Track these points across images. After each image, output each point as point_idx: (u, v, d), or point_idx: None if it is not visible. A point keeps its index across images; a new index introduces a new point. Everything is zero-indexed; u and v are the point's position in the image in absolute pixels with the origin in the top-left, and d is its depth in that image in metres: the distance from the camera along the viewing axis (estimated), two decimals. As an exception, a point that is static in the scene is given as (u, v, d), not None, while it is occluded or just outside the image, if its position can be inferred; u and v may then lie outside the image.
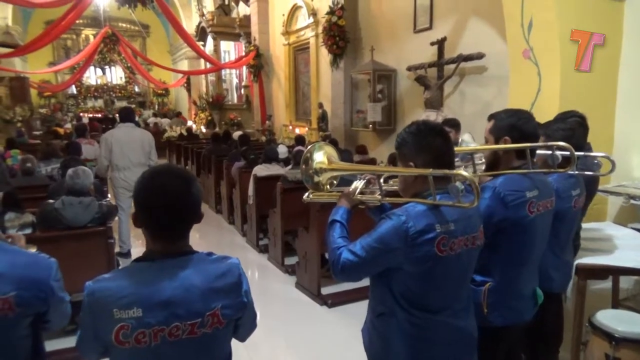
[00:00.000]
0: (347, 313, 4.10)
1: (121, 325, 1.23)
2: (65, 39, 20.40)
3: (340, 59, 8.45)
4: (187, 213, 1.34)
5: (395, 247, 1.55)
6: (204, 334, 1.29)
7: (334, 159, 1.92)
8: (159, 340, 1.25)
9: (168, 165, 1.44)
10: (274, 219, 5.18)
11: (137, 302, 1.24)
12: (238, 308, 1.38)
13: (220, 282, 1.33)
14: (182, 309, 1.26)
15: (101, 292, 1.27)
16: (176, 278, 1.28)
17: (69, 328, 3.74)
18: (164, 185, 1.30)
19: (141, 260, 1.34)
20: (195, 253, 1.37)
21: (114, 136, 5.44)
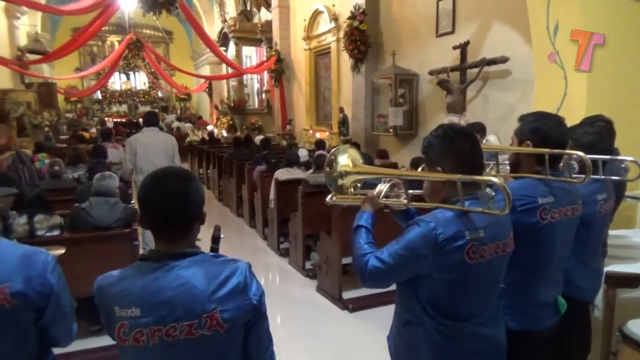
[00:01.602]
0: (369, 318, 4.08)
1: (121, 323, 1.25)
2: (91, 46, 20.90)
3: (361, 63, 8.45)
4: (187, 213, 1.33)
5: (423, 255, 1.53)
6: (202, 335, 1.28)
7: (358, 162, 1.90)
8: (157, 340, 1.25)
9: (169, 167, 1.44)
10: (295, 222, 5.19)
11: (136, 302, 1.25)
12: (244, 311, 1.34)
13: (222, 284, 1.31)
14: (180, 309, 1.26)
15: (106, 289, 1.30)
16: (178, 278, 1.28)
17: (94, 328, 3.83)
18: (162, 186, 1.31)
19: (146, 260, 1.34)
20: (199, 254, 1.36)
21: (139, 140, 5.53)
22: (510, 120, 2.09)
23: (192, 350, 1.29)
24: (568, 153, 1.93)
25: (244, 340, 1.38)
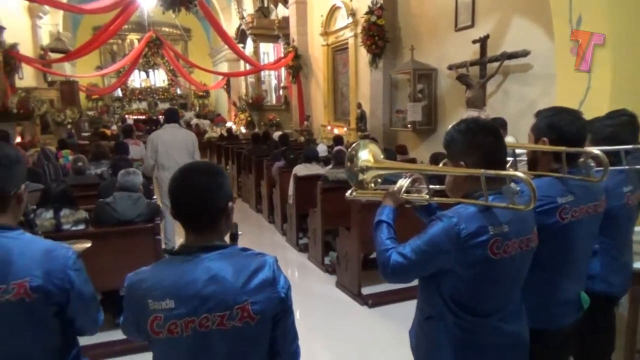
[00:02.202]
0: (388, 314, 4.08)
1: (155, 316, 1.28)
2: (111, 44, 21.16)
3: (379, 58, 8.41)
4: (210, 206, 1.35)
5: (446, 250, 1.53)
6: (233, 327, 1.30)
7: (379, 157, 1.90)
8: (190, 331, 1.28)
9: (197, 162, 1.48)
10: (314, 218, 5.21)
11: (170, 294, 1.28)
12: (274, 304, 1.36)
13: (251, 276, 1.34)
14: (212, 301, 1.29)
15: (138, 284, 1.32)
16: (208, 271, 1.31)
17: (117, 322, 3.91)
18: (189, 180, 1.36)
19: (176, 254, 1.37)
20: (228, 247, 1.39)
21: (160, 137, 5.61)
22: (531, 115, 2.06)
23: (223, 341, 1.31)
24: (585, 151, 1.88)
25: (271, 333, 1.41)
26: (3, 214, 1.44)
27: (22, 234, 1.46)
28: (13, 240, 1.41)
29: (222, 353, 1.33)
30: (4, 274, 1.36)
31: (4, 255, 1.37)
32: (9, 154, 1.43)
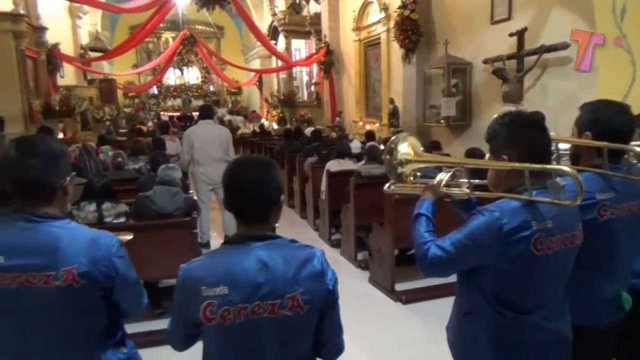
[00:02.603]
0: (422, 310, 4.05)
1: (208, 302, 1.31)
2: (147, 43, 21.64)
3: (412, 53, 8.31)
4: (265, 199, 1.40)
5: (487, 244, 1.51)
6: (283, 315, 1.34)
7: (419, 150, 1.89)
8: (243, 318, 1.32)
9: (251, 155, 1.51)
10: (347, 214, 5.22)
11: (223, 281, 1.32)
12: (321, 295, 1.39)
13: (301, 267, 1.37)
14: (264, 289, 1.32)
15: (192, 272, 1.37)
16: (260, 260, 1.34)
17: (157, 312, 4.03)
18: (244, 172, 1.40)
19: (229, 243, 1.42)
20: (279, 238, 1.42)
21: (195, 133, 5.72)
22: (571, 110, 1.99)
23: (273, 330, 1.35)
24: (627, 148, 1.82)
25: (318, 325, 1.44)
26: (50, 205, 1.50)
27: (69, 223, 1.52)
28: (61, 229, 1.47)
29: (270, 341, 1.36)
30: (54, 261, 1.42)
31: (53, 243, 1.43)
32: (54, 148, 1.49)
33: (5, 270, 1.40)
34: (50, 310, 1.44)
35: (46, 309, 1.44)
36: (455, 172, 1.83)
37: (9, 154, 1.45)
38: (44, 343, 1.47)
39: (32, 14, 9.61)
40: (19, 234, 1.43)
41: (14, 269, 1.40)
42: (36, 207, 1.47)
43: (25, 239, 1.43)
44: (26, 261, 1.41)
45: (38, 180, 1.44)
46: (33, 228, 1.44)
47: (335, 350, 1.53)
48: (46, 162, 1.44)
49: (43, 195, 1.48)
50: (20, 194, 1.48)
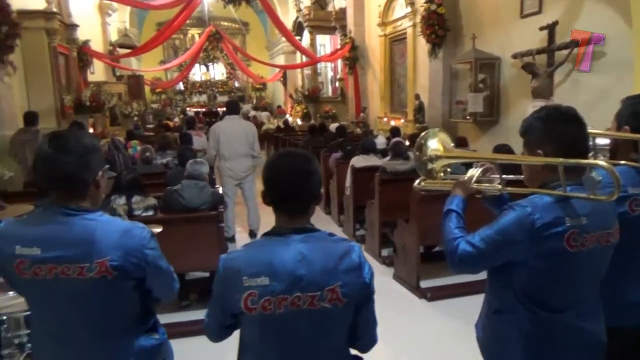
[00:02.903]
0: (448, 308, 4.02)
1: (250, 292, 1.33)
2: (174, 39, 21.91)
3: (439, 48, 8.20)
4: (306, 191, 1.42)
5: (518, 240, 1.48)
6: (323, 307, 1.35)
7: (449, 145, 1.86)
8: (283, 308, 1.34)
9: (292, 148, 1.52)
10: (371, 210, 5.20)
11: (265, 271, 1.34)
12: (359, 288, 1.41)
13: (340, 260, 1.39)
14: (304, 280, 1.34)
15: (233, 262, 1.39)
16: (300, 252, 1.36)
17: (183, 304, 4.09)
18: (286, 165, 1.42)
19: (269, 235, 1.43)
20: (318, 231, 1.44)
21: (221, 128, 5.77)
22: (603, 106, 1.93)
23: (312, 321, 1.37)
24: None
25: (353, 318, 1.45)
26: (83, 198, 1.53)
27: (102, 215, 1.56)
28: (94, 222, 1.51)
29: (308, 332, 1.38)
30: (88, 254, 1.46)
31: (87, 236, 1.47)
32: (86, 143, 1.52)
33: (41, 262, 1.45)
34: (85, 299, 1.49)
35: (81, 298, 1.49)
36: (486, 167, 1.80)
37: (42, 149, 1.49)
38: (79, 329, 1.52)
39: (64, 11, 9.84)
40: (54, 227, 1.48)
41: (50, 261, 1.45)
42: (69, 200, 1.51)
43: (60, 232, 1.47)
44: (61, 253, 1.45)
45: (70, 175, 1.47)
46: (67, 221, 1.49)
47: (370, 342, 1.55)
48: (78, 157, 1.48)
49: (75, 189, 1.51)
50: (53, 188, 1.52)
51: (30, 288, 1.52)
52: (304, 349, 1.40)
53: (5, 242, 1.49)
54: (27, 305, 1.60)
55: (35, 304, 1.56)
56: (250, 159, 5.85)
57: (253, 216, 6.03)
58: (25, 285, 1.51)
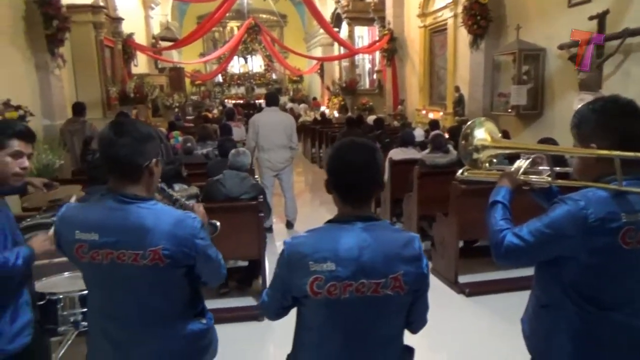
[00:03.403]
0: (486, 304, 3.96)
1: (316, 277, 1.37)
2: (213, 32, 22.22)
3: (481, 39, 8.00)
4: (370, 180, 1.44)
5: (569, 235, 1.44)
6: (386, 295, 1.38)
7: (497, 135, 1.83)
8: (348, 294, 1.37)
9: (356, 138, 1.54)
10: (409, 203, 5.16)
11: (331, 257, 1.37)
12: (418, 278, 1.43)
13: (402, 250, 1.41)
14: (369, 267, 1.37)
15: (298, 247, 1.43)
16: (364, 239, 1.39)
17: (223, 291, 4.19)
18: (350, 155, 1.44)
19: (334, 221, 1.47)
20: (380, 220, 1.47)
21: (260, 119, 5.85)
22: None
23: (375, 307, 1.40)
24: None
25: (410, 304, 1.48)
26: (136, 184, 1.58)
27: (155, 204, 1.61)
28: (148, 211, 1.56)
29: (369, 319, 1.41)
30: (142, 241, 1.51)
31: (141, 224, 1.53)
32: (141, 130, 1.58)
33: (99, 247, 1.52)
34: (138, 284, 1.56)
35: (134, 283, 1.55)
36: (535, 159, 1.75)
37: (104, 133, 1.56)
38: (132, 312, 1.59)
39: (110, 5, 10.14)
40: (111, 214, 1.54)
41: (107, 246, 1.52)
42: (125, 186, 1.57)
43: (116, 219, 1.53)
44: (117, 239, 1.51)
45: (125, 157, 1.53)
46: (123, 208, 1.54)
47: (421, 324, 1.59)
48: (134, 141, 1.53)
49: (130, 173, 1.57)
50: (111, 170, 1.59)
51: (88, 271, 1.60)
52: (364, 334, 1.43)
53: (66, 227, 1.57)
54: (85, 284, 1.68)
55: (92, 285, 1.64)
56: (289, 151, 5.91)
57: (290, 207, 6.09)
58: (84, 268, 1.60)
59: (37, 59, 6.78)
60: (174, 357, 1.63)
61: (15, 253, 1.82)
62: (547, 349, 1.61)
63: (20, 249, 1.87)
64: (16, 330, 1.91)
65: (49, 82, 6.90)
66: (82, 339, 3.14)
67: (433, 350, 3.37)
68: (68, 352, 2.93)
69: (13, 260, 1.79)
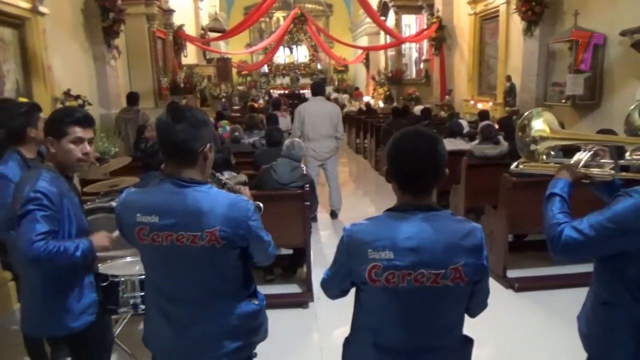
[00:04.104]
0: (536, 300, 3.85)
1: (374, 264, 1.38)
2: (260, 22, 22.40)
3: (535, 26, 7.69)
4: (431, 170, 1.42)
5: (635, 230, 1.39)
6: (445, 286, 1.38)
7: (555, 126, 1.76)
8: (406, 283, 1.38)
9: (419, 127, 1.53)
10: (456, 195, 5.07)
11: (389, 246, 1.38)
12: (478, 270, 1.42)
13: (463, 240, 1.40)
14: (428, 257, 1.37)
15: (358, 234, 1.44)
16: (424, 229, 1.39)
17: (269, 278, 4.27)
18: (412, 144, 1.43)
19: (393, 210, 1.47)
20: (442, 210, 1.46)
21: (306, 109, 5.87)
22: None
23: (432, 297, 1.40)
24: None
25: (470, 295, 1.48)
26: (192, 168, 1.64)
27: (210, 188, 1.66)
28: (204, 194, 1.62)
29: (427, 308, 1.42)
30: (199, 223, 1.57)
31: (198, 207, 1.59)
32: (197, 116, 1.63)
33: (159, 229, 1.59)
34: (196, 265, 1.62)
35: (192, 264, 1.62)
36: (597, 151, 1.68)
37: (162, 119, 1.62)
38: (189, 291, 1.65)
39: (162, -3, 10.41)
40: (170, 197, 1.61)
41: (166, 228, 1.58)
42: (181, 170, 1.63)
43: (174, 202, 1.60)
44: (176, 221, 1.58)
45: (182, 142, 1.58)
46: (181, 192, 1.61)
47: (482, 308, 1.58)
48: (190, 127, 1.58)
49: (186, 158, 1.62)
50: (169, 155, 1.65)
51: (148, 252, 1.67)
52: (423, 323, 1.44)
53: (128, 211, 1.64)
54: (144, 266, 1.76)
55: (152, 267, 1.72)
56: (334, 140, 5.91)
57: (335, 197, 6.11)
58: (144, 249, 1.67)
59: (95, 50, 7.09)
60: (229, 336, 1.69)
61: (76, 245, 1.92)
62: (606, 348, 1.55)
63: (80, 241, 1.96)
64: (82, 308, 2.04)
65: (105, 72, 7.21)
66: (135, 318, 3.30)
67: (477, 345, 3.31)
68: (123, 330, 3.09)
69: (72, 251, 1.89)
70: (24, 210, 1.85)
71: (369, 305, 1.48)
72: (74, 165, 2.05)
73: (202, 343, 1.67)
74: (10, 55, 5.11)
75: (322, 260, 4.64)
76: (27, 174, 2.07)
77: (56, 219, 1.90)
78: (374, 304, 1.46)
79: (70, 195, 2.03)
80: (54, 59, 5.74)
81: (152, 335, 1.76)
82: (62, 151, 1.99)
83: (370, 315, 1.49)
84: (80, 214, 2.09)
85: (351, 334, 1.59)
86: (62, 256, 1.86)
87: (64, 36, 6.37)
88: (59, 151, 1.99)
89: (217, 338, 1.67)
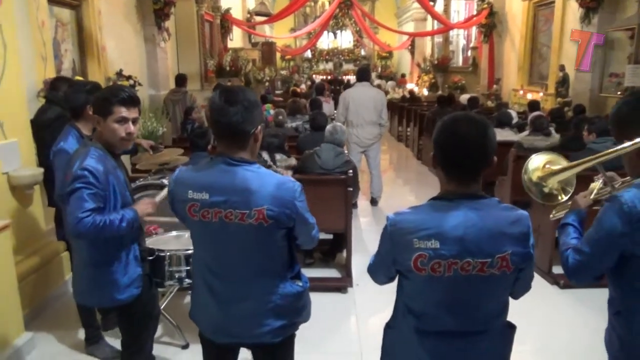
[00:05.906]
0: (581, 297, 3.72)
1: (419, 254, 1.37)
2: (305, 7, 22.32)
3: (594, 13, 7.32)
4: (480, 157, 1.38)
5: (619, 233, 1.39)
6: (491, 274, 1.36)
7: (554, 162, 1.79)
8: (452, 272, 1.36)
9: (468, 113, 1.50)
10: (502, 187, 4.95)
11: (435, 235, 1.36)
12: (524, 258, 1.39)
13: (510, 228, 1.37)
14: (474, 246, 1.34)
15: (402, 223, 1.43)
16: (470, 218, 1.36)
17: (308, 261, 4.32)
18: (460, 130, 1.39)
19: (438, 199, 1.44)
20: (488, 198, 1.43)
21: (351, 94, 5.84)
22: None
23: (480, 286, 1.39)
24: None
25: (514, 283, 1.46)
26: (243, 149, 1.67)
27: (259, 167, 1.69)
28: (253, 173, 1.64)
29: (473, 297, 1.41)
30: (248, 202, 1.60)
31: (247, 186, 1.61)
32: (250, 98, 1.64)
33: (209, 206, 1.63)
34: (244, 242, 1.65)
35: (240, 241, 1.65)
36: (604, 179, 1.71)
37: (215, 101, 1.64)
38: (235, 268, 1.69)
39: (210, -19, 10.53)
40: (220, 175, 1.64)
41: (216, 205, 1.62)
42: (233, 150, 1.66)
43: (224, 180, 1.63)
44: (226, 199, 1.61)
45: (235, 125, 1.60)
46: (231, 171, 1.64)
47: (525, 291, 1.55)
48: (243, 109, 1.60)
49: (238, 139, 1.65)
50: (220, 136, 1.68)
51: (198, 229, 1.72)
52: (468, 310, 1.42)
53: (180, 187, 1.69)
54: (193, 242, 1.81)
55: (201, 243, 1.76)
56: (378, 127, 5.86)
57: (376, 184, 6.08)
58: (194, 226, 1.71)
59: (146, 32, 7.27)
60: (272, 314, 1.72)
61: (120, 215, 2.01)
62: None
63: (125, 211, 2.05)
64: (128, 282, 2.13)
65: (155, 54, 7.39)
66: (182, 293, 3.41)
67: (519, 340, 3.24)
68: (170, 303, 3.21)
69: (117, 222, 1.98)
70: (72, 188, 1.95)
71: (413, 292, 1.47)
72: (116, 144, 2.11)
73: (247, 319, 1.71)
74: (68, 34, 5.31)
75: (362, 247, 4.64)
76: (78, 151, 2.16)
77: (102, 196, 1.99)
78: (418, 290, 1.45)
79: (116, 173, 2.11)
80: (108, 39, 5.93)
81: (199, 310, 1.81)
82: (107, 129, 2.06)
83: (414, 301, 1.48)
84: (125, 191, 2.16)
85: (393, 319, 1.59)
86: (109, 228, 1.95)
87: (118, 18, 6.55)
88: (105, 129, 2.06)
89: (262, 315, 1.71)
